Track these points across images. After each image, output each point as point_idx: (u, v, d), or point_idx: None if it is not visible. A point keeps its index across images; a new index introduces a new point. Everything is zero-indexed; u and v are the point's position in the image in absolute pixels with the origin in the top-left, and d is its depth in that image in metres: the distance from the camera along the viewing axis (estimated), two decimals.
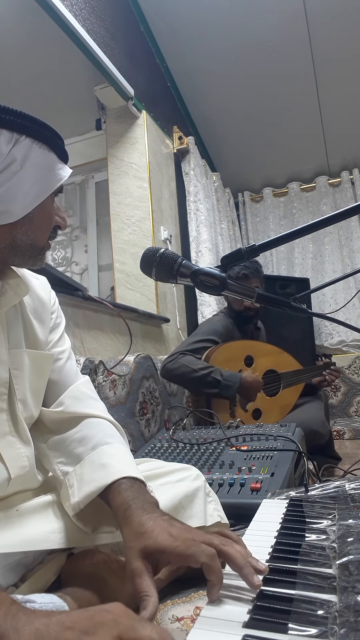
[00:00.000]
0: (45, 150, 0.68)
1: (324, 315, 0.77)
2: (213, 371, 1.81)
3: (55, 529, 0.68)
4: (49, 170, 0.68)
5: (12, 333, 0.75)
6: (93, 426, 0.78)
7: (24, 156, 0.66)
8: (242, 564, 0.51)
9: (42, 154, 0.68)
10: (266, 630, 0.42)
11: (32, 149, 0.67)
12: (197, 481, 0.94)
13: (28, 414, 0.76)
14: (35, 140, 0.67)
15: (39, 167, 0.67)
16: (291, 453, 1.23)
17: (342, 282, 3.78)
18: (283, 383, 2.06)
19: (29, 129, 0.67)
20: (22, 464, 0.72)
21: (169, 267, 0.71)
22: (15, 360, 0.73)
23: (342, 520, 0.66)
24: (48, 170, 0.68)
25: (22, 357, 0.75)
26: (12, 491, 0.72)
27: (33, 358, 0.77)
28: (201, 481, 0.95)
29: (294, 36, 2.95)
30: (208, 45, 3.04)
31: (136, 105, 2.76)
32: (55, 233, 0.75)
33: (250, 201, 4.26)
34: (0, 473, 0.69)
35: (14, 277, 0.74)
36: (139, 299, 2.68)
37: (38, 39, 2.38)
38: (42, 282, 0.89)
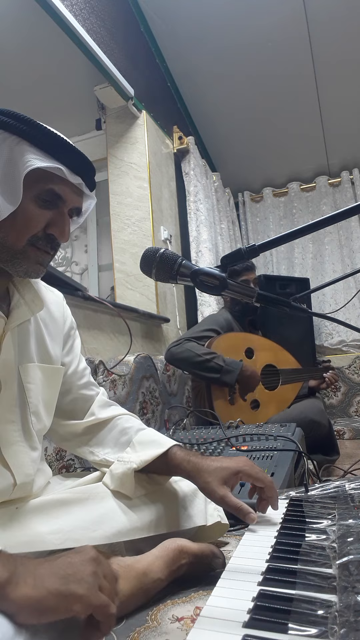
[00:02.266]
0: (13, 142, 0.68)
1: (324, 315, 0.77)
2: (216, 357, 1.86)
3: (54, 530, 0.68)
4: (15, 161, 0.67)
5: (24, 347, 0.77)
6: (126, 420, 0.93)
7: None
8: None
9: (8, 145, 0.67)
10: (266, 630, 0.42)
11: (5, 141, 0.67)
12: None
13: (41, 425, 0.80)
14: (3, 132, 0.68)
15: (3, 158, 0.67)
16: (291, 453, 1.23)
17: (342, 282, 3.78)
18: (282, 379, 2.08)
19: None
20: (27, 471, 0.74)
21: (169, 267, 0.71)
22: (27, 374, 0.76)
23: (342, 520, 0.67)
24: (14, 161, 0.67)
25: (35, 371, 0.78)
26: (16, 497, 0.74)
27: (45, 372, 0.80)
28: None
29: (294, 36, 2.95)
30: (208, 45, 3.04)
31: (136, 105, 2.75)
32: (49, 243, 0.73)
33: (250, 201, 4.26)
34: (6, 479, 0.71)
35: (30, 291, 0.77)
36: (139, 299, 2.68)
37: (38, 39, 2.38)
38: (57, 297, 0.92)
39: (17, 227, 0.69)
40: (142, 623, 0.66)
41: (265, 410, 1.98)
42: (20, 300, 0.76)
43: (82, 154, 0.73)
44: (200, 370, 1.87)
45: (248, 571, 0.55)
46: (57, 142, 0.71)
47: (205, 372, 1.86)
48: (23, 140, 0.68)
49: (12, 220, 0.68)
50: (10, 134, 0.68)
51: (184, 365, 1.94)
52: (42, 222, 0.71)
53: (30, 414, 0.76)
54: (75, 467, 1.41)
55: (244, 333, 2.18)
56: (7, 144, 0.68)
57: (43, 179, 0.70)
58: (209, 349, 1.92)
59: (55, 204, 0.72)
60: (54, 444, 1.32)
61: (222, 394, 1.89)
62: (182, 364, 1.94)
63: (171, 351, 1.95)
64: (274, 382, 2.08)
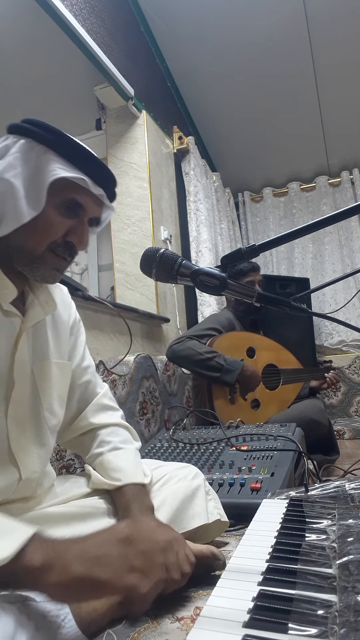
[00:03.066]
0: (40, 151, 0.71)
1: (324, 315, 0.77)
2: (217, 356, 1.87)
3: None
4: (41, 169, 0.70)
5: (37, 345, 0.80)
6: (109, 434, 0.93)
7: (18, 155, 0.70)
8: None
9: (36, 154, 0.71)
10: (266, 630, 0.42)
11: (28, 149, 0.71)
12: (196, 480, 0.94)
13: (56, 420, 0.83)
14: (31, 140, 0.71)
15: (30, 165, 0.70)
16: (291, 453, 1.23)
17: (342, 282, 3.78)
18: (283, 379, 2.08)
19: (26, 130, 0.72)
20: (34, 468, 0.75)
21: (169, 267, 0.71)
22: (42, 372, 0.79)
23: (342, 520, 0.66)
24: (40, 169, 0.70)
25: (49, 368, 0.81)
26: (19, 495, 0.74)
27: (58, 367, 0.83)
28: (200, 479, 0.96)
29: (294, 36, 2.95)
30: (208, 45, 3.04)
31: (136, 105, 2.75)
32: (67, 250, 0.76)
33: (250, 201, 4.26)
34: (12, 475, 0.72)
35: (44, 292, 0.80)
36: (139, 299, 2.68)
37: (38, 39, 2.38)
38: (62, 293, 0.93)
39: (38, 232, 0.71)
40: (142, 623, 0.66)
41: (265, 409, 1.99)
42: (35, 300, 0.78)
43: (105, 166, 0.76)
44: (201, 368, 1.87)
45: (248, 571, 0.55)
46: (82, 153, 0.74)
47: (206, 370, 1.86)
48: (50, 149, 0.72)
49: (34, 225, 0.70)
50: (38, 143, 0.72)
51: (185, 363, 1.94)
52: (62, 229, 0.73)
53: (43, 411, 0.79)
54: (75, 467, 1.41)
55: (246, 332, 2.18)
56: (34, 153, 0.71)
57: (66, 188, 0.72)
58: (210, 348, 1.92)
59: (76, 213, 0.74)
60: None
61: (222, 393, 1.89)
62: (183, 362, 1.94)
63: (173, 349, 1.95)
64: (275, 381, 2.08)
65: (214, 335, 2.01)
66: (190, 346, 1.90)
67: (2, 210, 0.69)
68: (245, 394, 1.95)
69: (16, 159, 0.70)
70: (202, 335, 1.99)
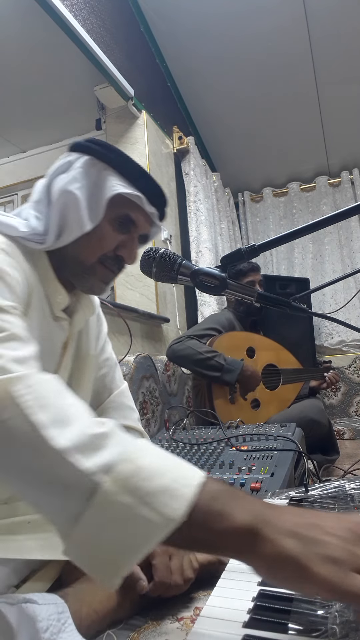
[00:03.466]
0: (101, 167, 0.76)
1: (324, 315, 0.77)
2: (217, 356, 1.87)
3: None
4: (101, 184, 0.75)
5: (79, 344, 0.85)
6: None
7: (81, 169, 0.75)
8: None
9: (97, 170, 0.76)
10: (266, 630, 0.42)
11: (90, 165, 0.76)
12: None
13: None
14: (93, 158, 0.77)
15: (91, 180, 0.75)
16: (291, 453, 1.23)
17: (342, 282, 3.78)
18: (283, 379, 2.08)
19: (89, 148, 0.77)
20: None
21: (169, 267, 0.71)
22: (79, 368, 0.84)
23: None
24: (100, 184, 0.75)
25: (83, 362, 0.85)
26: None
27: (89, 362, 0.87)
28: None
29: (294, 36, 2.95)
30: (208, 45, 3.03)
31: (136, 105, 2.75)
32: (116, 264, 0.79)
33: (250, 201, 4.26)
34: None
35: (85, 296, 0.85)
36: (139, 299, 2.68)
37: (38, 39, 2.38)
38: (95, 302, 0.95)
39: (92, 244, 0.76)
40: (142, 623, 0.66)
41: (265, 409, 1.99)
42: (78, 304, 0.82)
43: (160, 186, 0.80)
44: (201, 368, 1.87)
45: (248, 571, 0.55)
46: (139, 172, 0.78)
47: (206, 370, 1.86)
48: (109, 167, 0.76)
49: (88, 237, 0.75)
50: (99, 161, 0.76)
51: (185, 363, 1.94)
52: (113, 243, 0.77)
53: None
54: None
55: (246, 332, 2.18)
56: (95, 169, 0.76)
57: (122, 204, 0.76)
58: (210, 348, 1.92)
59: (127, 229, 0.78)
60: None
61: (222, 393, 1.89)
62: (183, 362, 1.94)
63: (173, 348, 1.95)
64: (275, 381, 2.08)
65: (213, 335, 2.01)
66: (190, 346, 1.90)
67: (65, 220, 0.73)
68: (245, 394, 1.95)
69: (79, 173, 0.75)
70: (202, 335, 1.99)
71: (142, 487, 0.42)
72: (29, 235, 0.72)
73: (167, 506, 0.41)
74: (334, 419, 3.30)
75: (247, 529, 0.41)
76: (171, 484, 0.43)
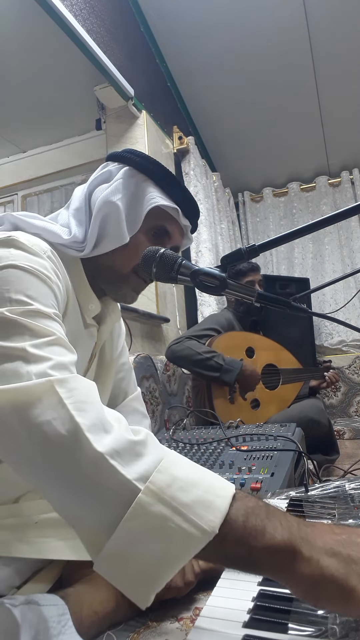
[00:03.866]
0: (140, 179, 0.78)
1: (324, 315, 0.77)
2: (216, 356, 1.87)
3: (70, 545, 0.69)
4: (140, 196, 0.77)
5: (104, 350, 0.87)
6: None
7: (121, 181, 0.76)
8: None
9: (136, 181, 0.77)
10: (266, 630, 0.42)
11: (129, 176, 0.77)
12: None
13: None
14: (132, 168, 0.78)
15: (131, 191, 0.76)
16: (291, 453, 1.23)
17: (342, 282, 3.78)
18: (282, 378, 2.08)
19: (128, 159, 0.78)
20: None
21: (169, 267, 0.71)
22: (101, 372, 0.85)
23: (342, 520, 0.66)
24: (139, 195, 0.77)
25: (109, 369, 0.87)
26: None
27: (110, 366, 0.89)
28: None
29: (294, 36, 2.94)
30: (208, 45, 3.03)
31: (136, 105, 2.75)
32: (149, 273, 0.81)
33: (250, 201, 4.26)
34: None
35: (111, 302, 0.86)
36: (139, 299, 2.66)
37: (38, 39, 2.38)
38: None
39: (127, 254, 0.77)
40: (142, 623, 0.66)
41: (265, 409, 1.99)
42: (105, 310, 0.83)
43: (194, 200, 0.82)
44: (200, 368, 1.87)
45: None
46: (177, 185, 0.80)
47: (205, 370, 1.86)
48: (148, 178, 0.78)
49: (124, 247, 0.76)
50: (138, 172, 0.78)
51: (184, 363, 1.95)
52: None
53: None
54: None
55: (245, 332, 2.18)
56: (135, 180, 0.77)
57: (158, 216, 0.78)
58: (209, 348, 1.92)
59: (162, 239, 0.80)
60: None
61: (222, 393, 1.89)
62: (183, 362, 1.94)
63: (172, 349, 1.95)
64: (275, 381, 2.08)
65: (212, 335, 2.01)
66: (189, 346, 1.90)
67: (104, 230, 0.74)
68: (245, 393, 1.95)
69: (120, 184, 0.76)
70: (201, 336, 1.99)
71: (177, 498, 0.42)
72: (69, 242, 0.72)
73: (202, 518, 0.41)
74: (334, 419, 3.30)
75: (286, 547, 0.40)
76: (204, 495, 0.42)
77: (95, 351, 0.81)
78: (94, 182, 0.78)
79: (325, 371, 2.25)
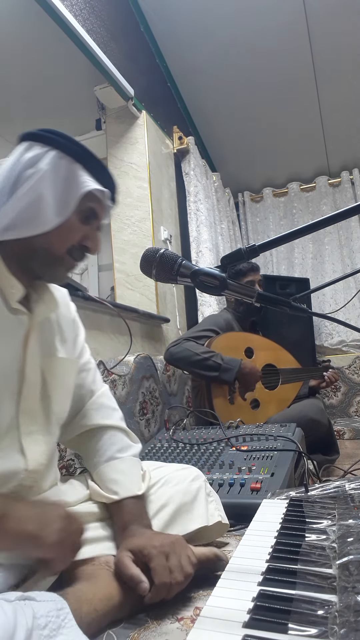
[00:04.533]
0: (69, 162, 0.77)
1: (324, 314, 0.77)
2: (214, 355, 1.87)
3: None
4: (72, 180, 0.76)
5: (45, 343, 0.84)
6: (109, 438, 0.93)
7: (50, 166, 0.75)
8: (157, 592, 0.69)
9: (65, 165, 0.76)
10: (266, 630, 0.42)
11: (58, 160, 0.76)
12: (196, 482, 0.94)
13: (62, 414, 0.87)
14: (60, 152, 0.76)
15: (61, 176, 0.76)
16: (291, 453, 1.23)
17: (342, 282, 3.78)
18: (282, 378, 2.08)
19: (55, 142, 0.77)
20: (41, 460, 0.77)
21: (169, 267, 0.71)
22: (50, 368, 0.83)
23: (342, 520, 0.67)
24: (70, 180, 0.76)
25: (56, 364, 0.85)
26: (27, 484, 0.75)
27: (63, 363, 0.87)
28: (201, 481, 0.95)
29: (294, 36, 2.95)
30: (208, 45, 3.04)
31: (136, 105, 2.75)
32: (82, 254, 0.82)
33: (250, 201, 4.26)
34: (19, 463, 0.73)
35: (46, 292, 0.84)
36: (139, 299, 2.68)
37: (38, 39, 2.38)
38: (62, 294, 0.97)
39: (61, 236, 0.77)
40: (142, 623, 0.66)
41: (265, 409, 1.99)
42: (39, 299, 0.82)
43: (113, 177, 0.84)
44: (199, 368, 1.87)
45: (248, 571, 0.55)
46: (103, 168, 0.81)
47: (204, 370, 1.86)
48: (76, 162, 0.77)
49: (58, 229, 0.76)
50: (65, 154, 0.77)
51: (182, 365, 1.95)
52: (79, 235, 0.80)
53: (52, 404, 0.82)
54: (75, 468, 1.41)
55: (244, 333, 2.18)
56: (64, 163, 0.76)
57: (88, 198, 0.79)
58: (207, 348, 1.92)
59: (90, 221, 0.81)
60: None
61: (222, 393, 1.89)
62: (181, 363, 1.95)
63: (170, 351, 1.95)
64: (274, 381, 2.08)
65: (211, 336, 2.01)
66: (187, 347, 1.90)
67: (23, 216, 0.73)
68: (245, 392, 1.94)
69: (49, 170, 0.75)
70: (199, 337, 1.99)
71: None
72: None
73: None
74: (334, 419, 3.30)
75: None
76: None
77: (29, 339, 0.78)
78: (18, 164, 0.76)
79: (324, 371, 2.25)
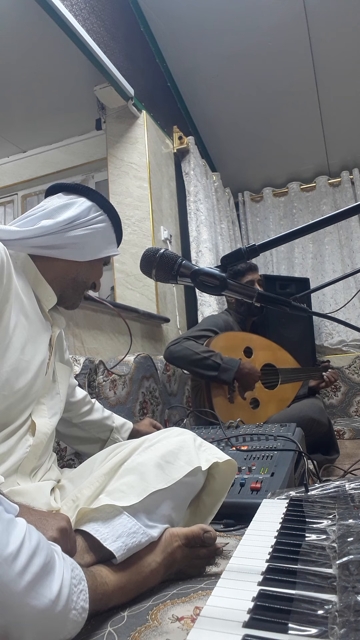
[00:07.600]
0: (110, 228, 1.05)
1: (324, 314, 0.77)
2: (213, 355, 1.87)
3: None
4: (109, 240, 1.06)
5: (58, 349, 1.08)
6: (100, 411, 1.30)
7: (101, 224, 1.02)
8: None
9: (108, 229, 1.04)
10: (266, 630, 0.42)
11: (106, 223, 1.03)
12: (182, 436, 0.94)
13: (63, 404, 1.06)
14: (108, 218, 1.04)
15: (105, 235, 1.04)
16: (291, 453, 1.23)
17: (342, 282, 3.78)
18: (281, 378, 2.08)
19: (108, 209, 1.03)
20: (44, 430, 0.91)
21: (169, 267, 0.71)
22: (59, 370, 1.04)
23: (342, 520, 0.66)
24: (109, 240, 1.05)
25: (64, 368, 1.07)
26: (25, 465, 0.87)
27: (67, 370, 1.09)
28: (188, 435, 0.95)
29: (294, 36, 2.95)
30: (208, 45, 3.04)
31: (136, 105, 2.75)
32: (93, 287, 1.07)
33: (250, 201, 4.26)
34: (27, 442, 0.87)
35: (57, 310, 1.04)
36: (139, 299, 2.68)
37: (38, 38, 2.38)
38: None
39: (92, 272, 1.04)
40: (142, 622, 0.66)
41: (265, 409, 1.99)
42: (55, 315, 1.02)
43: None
44: (198, 368, 1.87)
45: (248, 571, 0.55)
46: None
47: (203, 369, 1.86)
48: (114, 232, 1.06)
49: (89, 267, 1.02)
50: (112, 225, 1.05)
51: (182, 364, 1.95)
52: (99, 274, 1.08)
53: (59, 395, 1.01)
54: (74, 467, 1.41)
55: (243, 333, 2.18)
56: (109, 229, 1.04)
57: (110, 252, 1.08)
58: (207, 348, 1.92)
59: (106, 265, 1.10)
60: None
61: (221, 392, 1.89)
62: (181, 362, 1.95)
63: (170, 350, 1.96)
64: (274, 381, 2.08)
65: (210, 336, 2.01)
66: (187, 346, 1.91)
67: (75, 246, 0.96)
68: (244, 392, 1.95)
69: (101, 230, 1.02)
70: (199, 337, 2.00)
71: None
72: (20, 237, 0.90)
73: None
74: (334, 419, 3.30)
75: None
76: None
77: (53, 344, 0.98)
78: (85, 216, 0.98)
79: (324, 371, 2.25)
